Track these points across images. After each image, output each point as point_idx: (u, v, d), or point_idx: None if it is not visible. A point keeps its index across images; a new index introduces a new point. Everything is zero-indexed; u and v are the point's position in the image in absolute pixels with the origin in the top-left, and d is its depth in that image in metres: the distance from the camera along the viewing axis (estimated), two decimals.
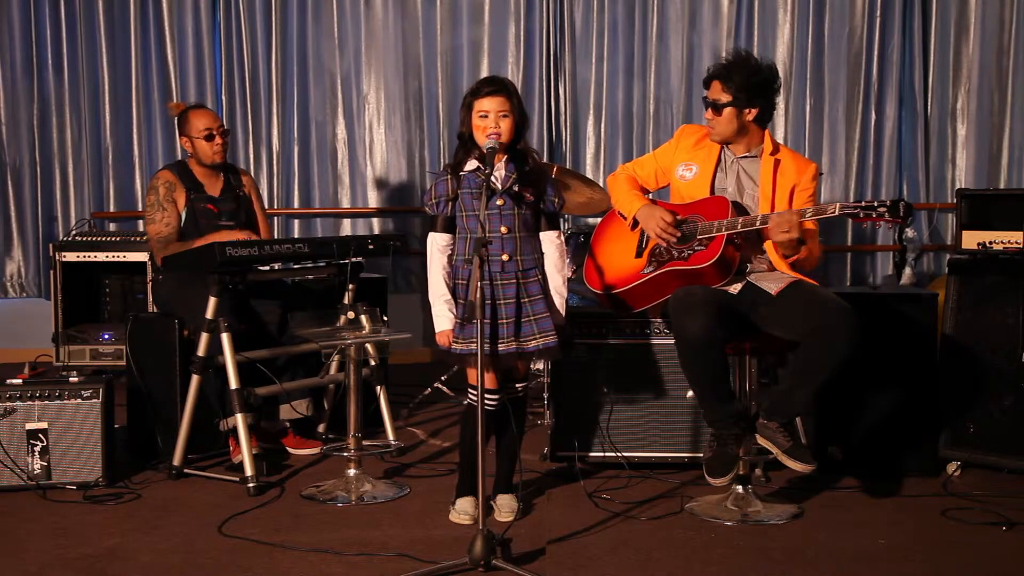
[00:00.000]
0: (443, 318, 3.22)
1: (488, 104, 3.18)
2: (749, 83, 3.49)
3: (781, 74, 5.90)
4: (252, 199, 4.38)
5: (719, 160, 3.60)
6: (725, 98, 3.50)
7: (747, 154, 3.58)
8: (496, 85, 3.21)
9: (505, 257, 3.20)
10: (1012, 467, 3.73)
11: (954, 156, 6.13)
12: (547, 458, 3.91)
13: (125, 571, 2.94)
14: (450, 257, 3.26)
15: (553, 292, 3.27)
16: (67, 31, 6.11)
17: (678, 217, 3.55)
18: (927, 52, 6.06)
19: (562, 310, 3.28)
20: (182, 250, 3.94)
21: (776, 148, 3.57)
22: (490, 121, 3.17)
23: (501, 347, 3.18)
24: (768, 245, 3.49)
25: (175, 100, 6.09)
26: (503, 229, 3.20)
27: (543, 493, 3.64)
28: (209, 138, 4.18)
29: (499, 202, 3.20)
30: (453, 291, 3.24)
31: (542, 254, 3.29)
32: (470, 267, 3.20)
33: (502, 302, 3.19)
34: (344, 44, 6.17)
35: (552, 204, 3.30)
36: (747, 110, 3.52)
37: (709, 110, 3.56)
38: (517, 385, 3.36)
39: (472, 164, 3.24)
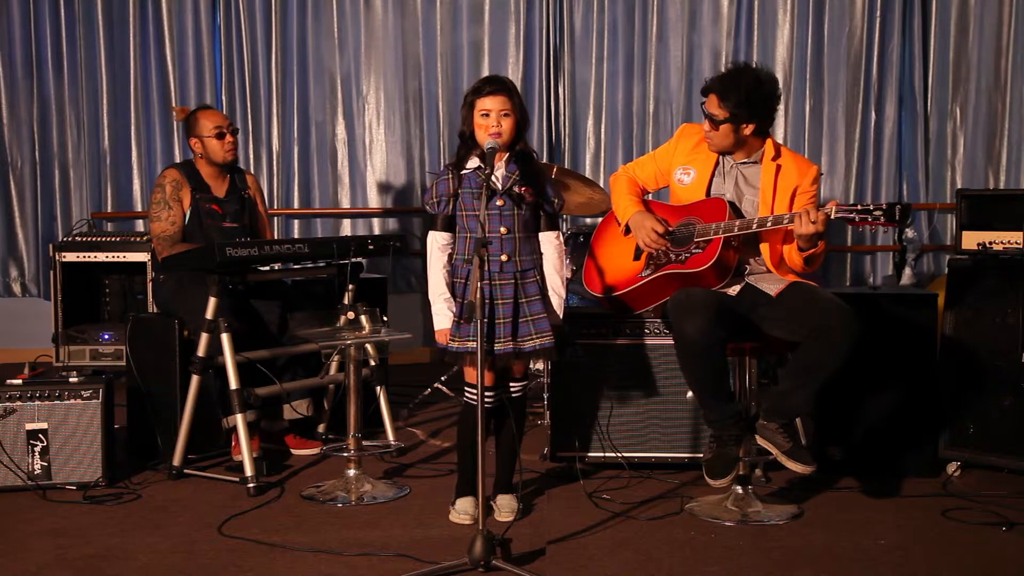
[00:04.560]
0: (442, 316, 3.23)
1: (490, 103, 3.18)
2: (748, 99, 3.36)
3: (781, 74, 5.96)
4: (256, 201, 4.40)
5: (717, 164, 3.55)
6: (722, 114, 3.39)
7: (746, 160, 3.52)
8: (498, 84, 3.22)
9: (504, 258, 3.20)
10: (1012, 467, 3.73)
11: (953, 156, 6.12)
12: (547, 458, 3.91)
13: (125, 571, 2.94)
14: (450, 256, 3.27)
15: (551, 293, 3.27)
16: (67, 31, 6.12)
17: (670, 229, 3.50)
18: (927, 52, 6.05)
19: (560, 311, 3.28)
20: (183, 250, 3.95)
21: (778, 153, 3.50)
22: (492, 120, 3.17)
23: (498, 347, 3.17)
24: (764, 248, 3.47)
25: (175, 101, 6.10)
26: (502, 230, 3.20)
27: (543, 493, 3.64)
28: (220, 136, 4.19)
29: (499, 202, 3.20)
30: (452, 289, 3.25)
31: (540, 255, 3.29)
32: (470, 266, 3.20)
33: (500, 302, 3.19)
34: (344, 44, 6.17)
35: (552, 204, 3.29)
36: (744, 125, 3.42)
37: (707, 122, 3.45)
38: (515, 385, 3.35)
39: (474, 162, 3.24)
